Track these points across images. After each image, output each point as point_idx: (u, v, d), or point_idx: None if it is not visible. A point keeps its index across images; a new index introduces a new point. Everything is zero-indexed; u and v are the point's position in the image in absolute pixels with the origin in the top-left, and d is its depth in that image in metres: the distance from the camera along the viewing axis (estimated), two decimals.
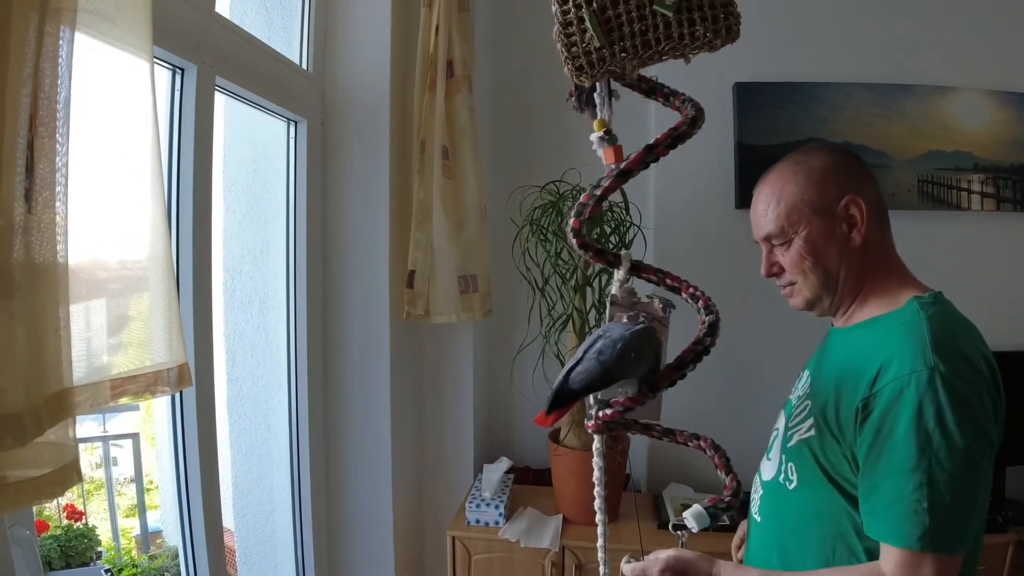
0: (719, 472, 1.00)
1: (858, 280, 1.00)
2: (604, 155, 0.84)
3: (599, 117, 0.82)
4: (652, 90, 0.87)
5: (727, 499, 0.95)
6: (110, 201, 0.91)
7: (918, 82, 2.11)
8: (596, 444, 0.81)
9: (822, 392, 0.97)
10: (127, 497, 3.20)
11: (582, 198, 0.84)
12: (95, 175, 0.87)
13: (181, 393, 1.28)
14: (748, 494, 1.12)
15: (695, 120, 0.81)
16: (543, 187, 1.95)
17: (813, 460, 0.94)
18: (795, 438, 0.99)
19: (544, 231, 1.89)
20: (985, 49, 2.14)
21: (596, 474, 0.82)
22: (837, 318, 1.06)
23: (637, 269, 0.92)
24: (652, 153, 0.83)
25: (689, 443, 1.05)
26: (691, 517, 0.95)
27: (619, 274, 0.89)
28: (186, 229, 1.28)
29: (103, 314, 0.79)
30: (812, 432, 0.95)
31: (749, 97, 2.10)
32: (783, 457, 1.02)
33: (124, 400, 0.78)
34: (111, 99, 0.93)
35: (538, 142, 2.33)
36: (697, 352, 0.81)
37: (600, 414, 0.82)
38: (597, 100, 0.83)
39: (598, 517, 0.78)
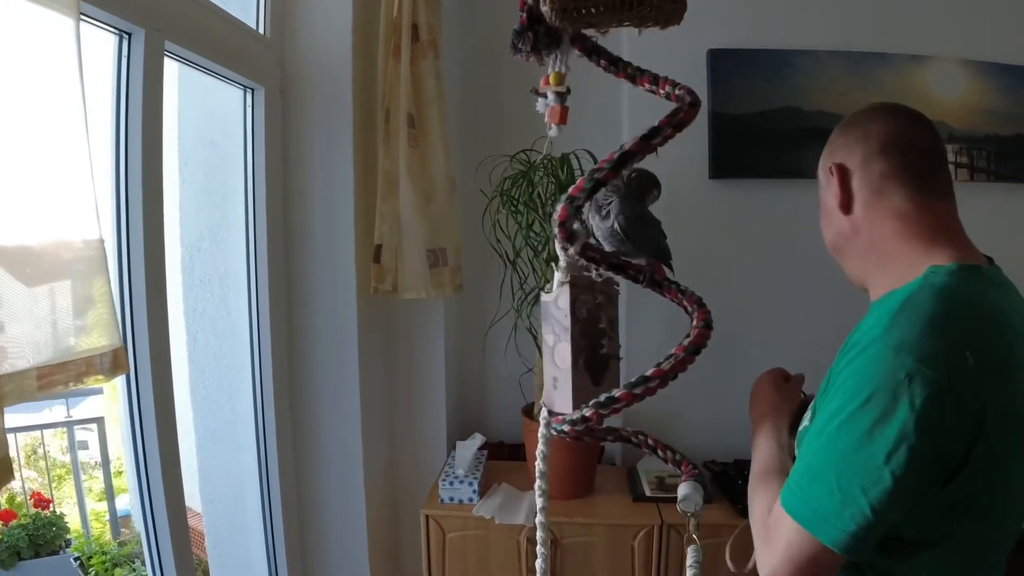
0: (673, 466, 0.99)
1: (855, 254, 0.92)
2: (550, 114, 0.74)
3: (557, 70, 0.73)
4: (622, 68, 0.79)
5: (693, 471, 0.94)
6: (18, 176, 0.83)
7: (893, 51, 2.07)
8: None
9: None
10: (99, 480, 3.15)
11: (571, 190, 0.75)
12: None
13: (137, 376, 1.23)
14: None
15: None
16: (513, 156, 1.89)
17: None
18: None
19: (515, 202, 1.83)
20: (960, 19, 2.10)
21: None
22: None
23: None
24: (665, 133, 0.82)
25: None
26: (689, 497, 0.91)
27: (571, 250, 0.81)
28: (136, 205, 1.21)
29: (25, 299, 0.72)
30: None
31: (723, 64, 2.05)
32: None
33: (57, 389, 0.72)
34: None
35: (508, 110, 2.26)
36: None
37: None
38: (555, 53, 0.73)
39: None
